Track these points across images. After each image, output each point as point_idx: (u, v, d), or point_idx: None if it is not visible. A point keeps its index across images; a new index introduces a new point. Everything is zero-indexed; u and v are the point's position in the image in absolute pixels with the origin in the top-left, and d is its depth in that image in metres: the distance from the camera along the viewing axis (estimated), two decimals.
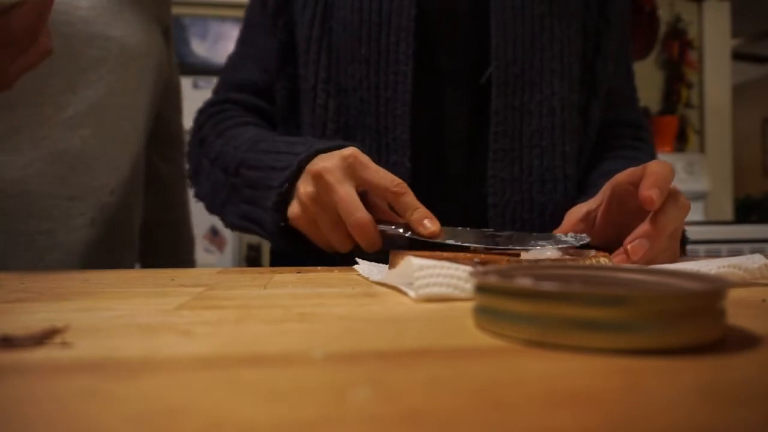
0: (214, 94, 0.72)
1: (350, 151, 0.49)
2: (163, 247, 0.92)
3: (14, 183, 0.61)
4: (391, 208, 0.50)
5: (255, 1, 0.71)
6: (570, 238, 0.46)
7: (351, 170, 0.48)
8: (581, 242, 0.45)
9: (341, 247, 0.51)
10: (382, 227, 0.48)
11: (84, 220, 0.66)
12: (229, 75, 0.72)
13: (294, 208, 0.52)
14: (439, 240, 0.45)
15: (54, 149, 0.63)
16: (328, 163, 0.48)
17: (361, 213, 0.47)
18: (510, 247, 0.45)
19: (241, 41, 0.72)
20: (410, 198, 0.47)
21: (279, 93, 0.67)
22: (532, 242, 0.45)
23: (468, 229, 0.47)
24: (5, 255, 0.62)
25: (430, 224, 0.45)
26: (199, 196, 0.67)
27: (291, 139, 0.59)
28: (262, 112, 0.69)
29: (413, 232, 0.46)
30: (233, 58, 0.73)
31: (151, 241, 0.89)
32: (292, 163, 0.52)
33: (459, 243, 0.45)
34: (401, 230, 0.47)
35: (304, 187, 0.50)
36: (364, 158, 0.48)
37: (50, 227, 0.64)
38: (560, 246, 0.43)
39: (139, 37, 0.71)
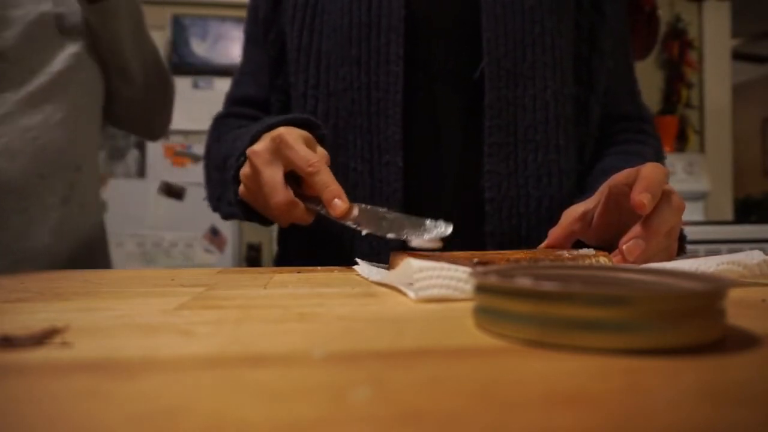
0: (222, 108, 0.76)
1: (278, 131, 0.51)
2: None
3: None
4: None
5: (249, 12, 0.74)
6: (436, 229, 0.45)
7: (277, 151, 0.50)
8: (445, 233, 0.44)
9: (282, 221, 0.53)
10: (308, 205, 0.50)
11: (56, 198, 0.67)
12: (232, 90, 0.76)
13: (240, 188, 0.55)
14: (349, 222, 0.46)
15: (18, 125, 0.64)
16: (258, 146, 0.51)
17: (279, 196, 0.49)
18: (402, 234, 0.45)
19: (243, 55, 0.76)
20: (322, 176, 0.48)
21: (273, 106, 0.71)
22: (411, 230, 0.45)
23: (383, 209, 0.48)
24: None
25: (339, 204, 0.47)
26: (207, 199, 0.71)
27: (261, 122, 0.61)
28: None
29: (326, 211, 0.48)
30: (236, 73, 0.76)
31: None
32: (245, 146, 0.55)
33: (363, 229, 0.46)
34: (320, 209, 0.49)
35: (244, 168, 0.53)
36: (291, 138, 0.50)
37: (25, 205, 0.65)
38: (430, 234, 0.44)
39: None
